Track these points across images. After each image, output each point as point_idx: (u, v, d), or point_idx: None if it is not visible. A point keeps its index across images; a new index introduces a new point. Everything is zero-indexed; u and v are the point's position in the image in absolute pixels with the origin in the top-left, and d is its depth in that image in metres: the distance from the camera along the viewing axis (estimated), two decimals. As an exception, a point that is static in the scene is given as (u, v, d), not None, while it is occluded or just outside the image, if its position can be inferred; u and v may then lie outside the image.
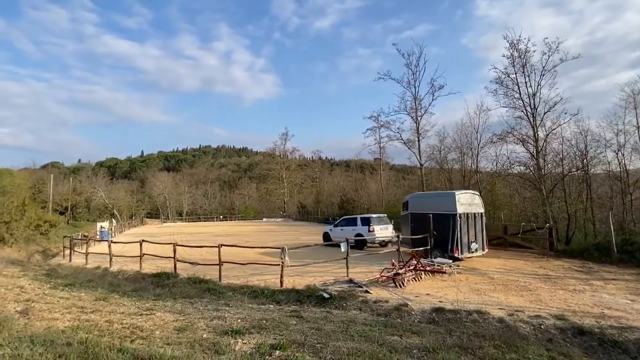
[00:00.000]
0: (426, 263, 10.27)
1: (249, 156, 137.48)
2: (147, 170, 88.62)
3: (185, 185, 65.53)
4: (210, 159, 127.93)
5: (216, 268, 10.00)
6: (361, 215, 17.48)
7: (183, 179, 69.20)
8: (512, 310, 6.80)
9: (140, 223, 50.47)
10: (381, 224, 16.45)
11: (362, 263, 11.61)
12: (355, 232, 16.25)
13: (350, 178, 52.46)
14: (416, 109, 26.99)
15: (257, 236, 25.41)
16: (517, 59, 18.08)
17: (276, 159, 60.38)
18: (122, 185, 61.79)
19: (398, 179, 48.16)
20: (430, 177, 28.91)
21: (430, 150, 27.92)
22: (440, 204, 12.32)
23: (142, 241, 12.58)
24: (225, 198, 70.93)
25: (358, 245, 15.34)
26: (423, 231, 12.26)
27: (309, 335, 4.83)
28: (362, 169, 53.70)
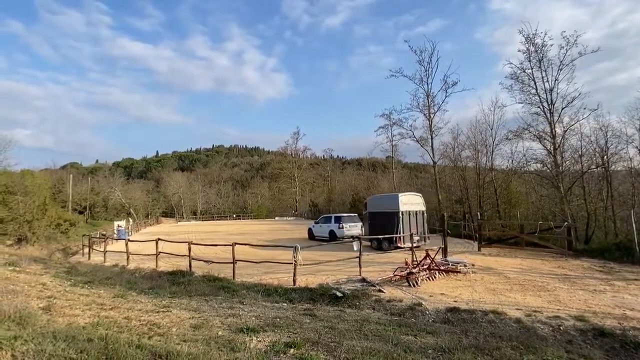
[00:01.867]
0: (440, 262, 10.15)
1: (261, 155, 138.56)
2: (162, 170, 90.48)
3: (199, 184, 66.59)
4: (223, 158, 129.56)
5: (230, 266, 10.12)
6: (335, 214, 20.62)
7: (197, 179, 70.33)
8: (529, 310, 6.65)
9: (156, 222, 51.50)
10: (350, 222, 19.08)
11: (375, 262, 11.55)
12: (329, 228, 19.30)
13: (362, 176, 52.22)
14: (429, 106, 26.68)
15: (270, 235, 25.57)
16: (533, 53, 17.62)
17: (288, 158, 60.66)
18: (138, 185, 63.14)
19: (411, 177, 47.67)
20: (444, 175, 28.59)
21: (444, 148, 27.62)
22: (388, 203, 14.86)
23: (158, 240, 12.83)
24: (238, 197, 71.69)
25: (331, 240, 18.41)
26: (378, 227, 14.74)
27: (322, 333, 4.84)
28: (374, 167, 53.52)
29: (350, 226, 18.79)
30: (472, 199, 24.51)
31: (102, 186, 53.02)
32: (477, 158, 24.19)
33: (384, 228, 14.46)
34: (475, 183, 23.85)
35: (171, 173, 72.99)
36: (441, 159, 27.83)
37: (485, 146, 23.37)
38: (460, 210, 26.10)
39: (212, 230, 33.13)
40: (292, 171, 58.95)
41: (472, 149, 24.70)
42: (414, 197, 15.48)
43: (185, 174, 76.40)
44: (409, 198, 15.05)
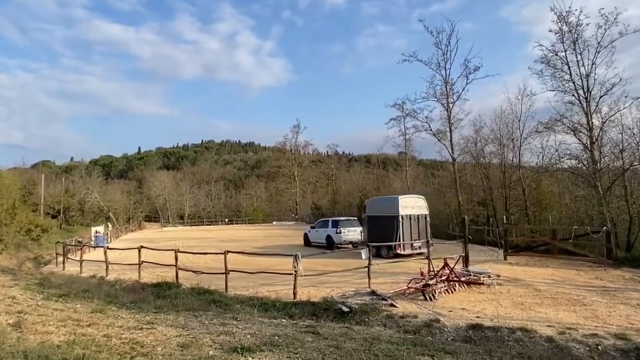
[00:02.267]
0: (461, 273, 10.12)
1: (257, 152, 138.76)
2: (145, 169, 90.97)
3: (186, 185, 66.84)
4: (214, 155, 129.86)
5: (222, 277, 10.15)
6: (332, 218, 21.41)
7: (184, 178, 70.59)
8: (563, 327, 6.61)
9: (138, 227, 51.78)
10: (349, 227, 19.59)
11: (387, 273, 11.55)
12: (326, 233, 19.74)
13: (371, 175, 52.16)
14: (447, 95, 26.60)
15: (267, 241, 25.65)
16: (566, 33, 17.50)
17: (287, 154, 60.73)
18: (118, 186, 63.60)
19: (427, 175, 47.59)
20: (464, 174, 28.52)
21: (464, 143, 27.55)
22: (387, 207, 15.56)
23: (141, 247, 12.90)
24: (230, 199, 71.93)
25: (328, 246, 19.15)
26: (377, 231, 15.45)
27: (327, 354, 4.84)
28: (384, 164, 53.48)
29: (348, 231, 19.36)
30: (497, 201, 24.41)
31: (78, 187, 53.41)
32: (502, 154, 24.08)
33: (383, 233, 15.06)
34: (501, 182, 23.73)
35: (155, 172, 73.42)
36: (461, 154, 27.76)
37: (512, 140, 23.25)
38: (483, 213, 26.01)
39: (202, 236, 33.25)
40: (292, 169, 59.02)
41: (496, 143, 24.60)
42: (415, 199, 16.21)
43: (171, 173, 76.73)
44: (410, 201, 15.82)
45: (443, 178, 34.28)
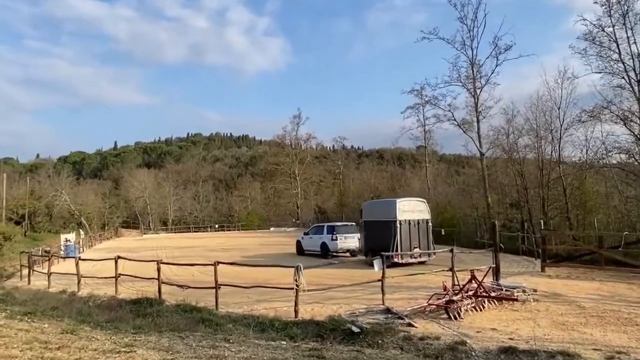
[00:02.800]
0: (491, 287, 10.09)
1: (251, 146, 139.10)
2: (122, 167, 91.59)
3: (170, 185, 67.29)
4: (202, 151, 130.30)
5: (212, 292, 10.19)
6: (328, 224, 22.54)
7: (167, 178, 71.07)
8: (611, 351, 6.57)
9: (115, 234, 52.17)
10: (346, 233, 20.51)
11: (404, 287, 11.52)
12: (321, 240, 20.78)
13: (385, 173, 52.17)
14: (474, 79, 26.58)
15: (263, 250, 25.75)
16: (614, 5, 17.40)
17: (286, 149, 60.88)
18: (92, 187, 64.15)
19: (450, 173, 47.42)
20: (495, 170, 28.41)
21: (494, 134, 27.57)
22: (384, 211, 16.58)
23: (118, 258, 13.00)
24: (221, 201, 72.25)
25: (323, 254, 20.27)
26: (373, 238, 16.63)
27: (334, 381, 4.84)
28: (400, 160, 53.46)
29: (346, 238, 20.37)
30: (533, 202, 24.29)
31: (45, 189, 53.86)
32: (539, 147, 23.98)
33: (380, 240, 16.06)
34: (537, 181, 23.60)
35: (134, 171, 73.96)
36: (491, 148, 27.71)
37: (551, 131, 23.12)
38: (517, 217, 25.89)
39: (188, 245, 33.39)
40: (292, 167, 59.14)
41: (532, 135, 24.50)
42: (416, 203, 17.27)
43: (153, 172, 77.16)
44: (409, 204, 16.81)
45: (469, 176, 34.19)
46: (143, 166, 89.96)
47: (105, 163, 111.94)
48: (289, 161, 59.23)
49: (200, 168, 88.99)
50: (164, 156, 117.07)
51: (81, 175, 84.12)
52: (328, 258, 19.80)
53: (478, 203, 28.82)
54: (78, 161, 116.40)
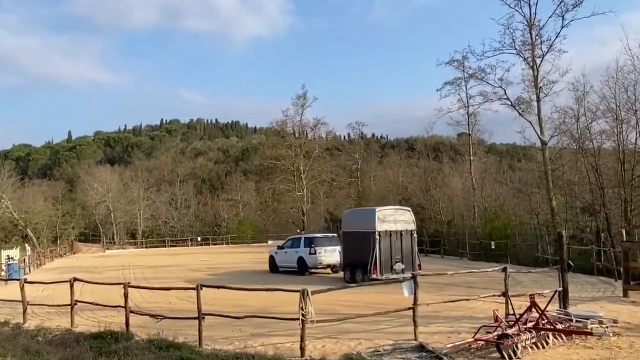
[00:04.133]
0: (556, 317, 9.96)
1: (243, 136, 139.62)
2: (78, 164, 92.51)
3: (139, 187, 67.71)
4: (179, 142, 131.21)
5: (194, 324, 10.20)
6: (305, 235, 24.57)
7: (136, 177, 71.46)
8: None
9: (70, 250, 52.61)
10: (327, 245, 22.20)
11: (441, 317, 11.43)
12: (298, 254, 22.49)
13: (416, 169, 51.94)
14: (533, 45, 26.27)
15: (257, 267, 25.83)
16: None
17: (288, 139, 60.77)
18: (40, 189, 64.85)
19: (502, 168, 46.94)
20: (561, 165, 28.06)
21: (560, 118, 27.28)
22: (363, 221, 18.74)
23: (74, 280, 13.06)
24: (204, 207, 72.58)
25: (299, 271, 22.17)
26: (352, 251, 18.76)
27: None
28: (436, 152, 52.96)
29: (326, 251, 22.07)
30: (612, 206, 23.98)
31: (-19, 192, 54.48)
32: (619, 134, 23.62)
33: (359, 253, 18.07)
34: (618, 178, 23.28)
35: (93, 168, 74.52)
36: (556, 135, 27.39)
37: (635, 113, 22.77)
38: (590, 225, 25.57)
39: (164, 263, 33.55)
40: (296, 162, 59.07)
41: (610, 118, 24.14)
42: (398, 212, 19.39)
43: (117, 170, 77.86)
44: (390, 213, 18.79)
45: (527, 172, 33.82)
46: (105, 162, 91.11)
47: (57, 159, 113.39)
48: (292, 154, 59.12)
49: (177, 164, 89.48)
50: (132, 149, 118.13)
51: (26, 174, 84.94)
52: (305, 275, 21.78)
53: (539, 207, 28.54)
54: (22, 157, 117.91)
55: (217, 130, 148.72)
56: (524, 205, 30.10)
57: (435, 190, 40.05)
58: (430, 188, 41.06)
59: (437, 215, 38.90)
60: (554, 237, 19.27)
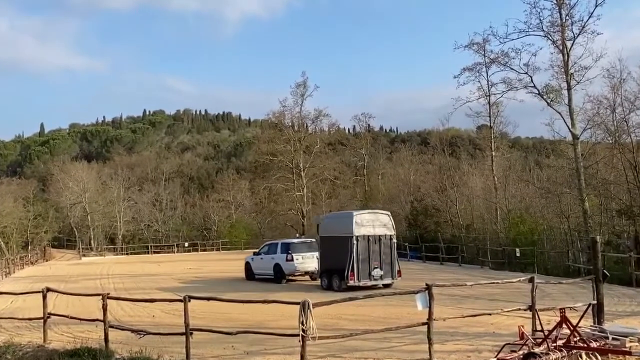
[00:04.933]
0: (590, 334, 9.89)
1: (235, 129, 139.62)
2: (51, 160, 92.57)
3: (119, 186, 67.85)
4: (164, 136, 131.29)
5: (181, 340, 10.18)
6: (282, 241, 26.01)
7: (115, 175, 71.61)
8: None
9: (42, 257, 52.63)
10: (305, 251, 23.37)
11: (460, 333, 11.39)
12: (274, 261, 23.76)
13: (431, 166, 51.81)
14: (562, 26, 26.18)
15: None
16: None
17: (286, 133, 60.74)
18: (9, 188, 64.79)
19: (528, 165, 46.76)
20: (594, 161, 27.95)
21: (593, 108, 27.15)
22: (341, 225, 20.12)
23: (47, 290, 13.06)
24: (192, 208, 72.64)
25: (276, 278, 23.53)
26: (330, 256, 20.19)
27: None
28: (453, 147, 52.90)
29: (303, 257, 23.17)
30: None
31: (-58, 191, 54.67)
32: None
33: (336, 259, 19.46)
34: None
35: (68, 165, 74.56)
36: (589, 128, 27.27)
37: (678, 102, 22.69)
38: (628, 229, 25.49)
39: (147, 272, 33.55)
40: (295, 158, 59.07)
41: (650, 108, 24.05)
42: (377, 216, 20.67)
43: (95, 167, 77.89)
44: (368, 218, 20.07)
45: (556, 170, 33.67)
46: (81, 159, 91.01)
47: (28, 154, 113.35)
48: (290, 150, 59.08)
49: (162, 161, 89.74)
50: (111, 144, 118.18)
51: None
52: (282, 283, 23.13)
53: (570, 210, 28.44)
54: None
55: (207, 123, 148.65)
56: (552, 208, 29.97)
57: (451, 190, 39.88)
58: (446, 188, 40.91)
59: (454, 218, 38.75)
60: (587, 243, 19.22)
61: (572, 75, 26.06)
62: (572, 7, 26.08)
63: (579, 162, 25.95)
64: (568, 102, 26.44)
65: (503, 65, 31.23)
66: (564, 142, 30.17)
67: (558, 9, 26.17)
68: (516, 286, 15.32)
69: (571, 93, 26.30)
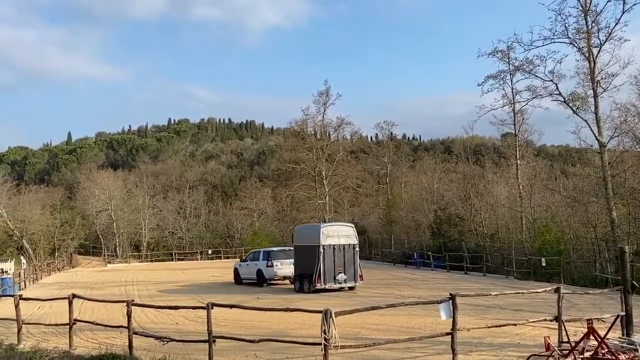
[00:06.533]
0: (618, 346, 9.70)
1: (259, 138, 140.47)
2: (78, 169, 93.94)
3: (144, 193, 68.59)
4: (189, 144, 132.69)
5: (204, 348, 10.22)
6: (264, 249, 29.63)
7: (141, 183, 72.45)
8: None
9: (69, 264, 53.55)
10: (285, 258, 26.58)
11: (484, 344, 11.25)
12: (257, 267, 27.14)
13: (454, 174, 51.44)
14: (588, 33, 25.88)
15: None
16: None
17: (309, 141, 60.89)
18: (37, 196, 65.77)
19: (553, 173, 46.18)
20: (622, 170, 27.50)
21: (621, 116, 26.79)
22: (311, 236, 23.38)
23: (73, 297, 13.21)
24: (216, 216, 73.01)
25: (258, 282, 26.89)
26: (302, 263, 23.34)
27: None
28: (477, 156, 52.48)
29: (282, 264, 26.47)
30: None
31: (-27, 199, 55.64)
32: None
33: (307, 265, 22.74)
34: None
35: (94, 173, 75.53)
36: (617, 136, 26.87)
37: None
38: (658, 239, 25.01)
39: (171, 279, 33.89)
40: (317, 166, 59.13)
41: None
42: (342, 228, 24.53)
43: (121, 175, 78.90)
44: (334, 229, 23.68)
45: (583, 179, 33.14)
46: (107, 167, 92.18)
47: (56, 163, 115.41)
48: (313, 158, 59.17)
49: (186, 169, 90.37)
50: (136, 152, 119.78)
51: (22, 179, 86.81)
52: (264, 286, 26.31)
53: (597, 219, 27.97)
54: (18, 160, 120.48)
55: (230, 131, 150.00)
56: (579, 217, 29.52)
57: (476, 199, 39.50)
58: (470, 196, 40.53)
59: (479, 227, 38.37)
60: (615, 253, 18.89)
61: (599, 82, 25.71)
62: (599, 14, 25.81)
63: (606, 171, 25.57)
64: (594, 109, 26.08)
65: (528, 72, 30.99)
66: (590, 151, 29.73)
67: (584, 15, 25.89)
68: (542, 296, 15.13)
69: (598, 101, 25.94)
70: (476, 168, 47.12)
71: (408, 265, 40.45)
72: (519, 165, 36.37)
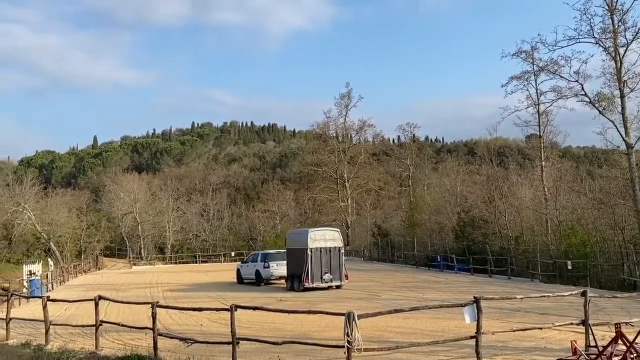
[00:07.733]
0: (648, 349, 9.51)
1: (281, 141, 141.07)
2: (103, 172, 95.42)
3: (169, 196, 69.41)
4: (212, 147, 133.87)
5: (227, 350, 10.28)
6: (262, 252, 32.34)
7: (165, 186, 73.40)
8: None
9: (95, 265, 54.26)
10: (280, 260, 28.26)
11: (509, 347, 11.14)
12: (255, 268, 29.72)
13: (478, 176, 50.92)
14: (615, 32, 25.55)
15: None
16: None
17: (330, 144, 61.11)
18: (64, 199, 66.80)
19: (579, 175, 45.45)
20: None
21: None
22: (300, 240, 25.59)
23: (99, 298, 13.39)
24: (239, 219, 73.44)
25: (257, 282, 29.38)
26: (293, 265, 25.55)
27: None
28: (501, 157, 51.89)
29: (278, 265, 28.37)
30: None
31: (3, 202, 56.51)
32: None
33: (298, 266, 24.84)
34: None
35: (120, 176, 76.66)
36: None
37: None
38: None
39: (194, 280, 34.17)
40: (339, 168, 59.24)
41: None
42: (328, 232, 26.35)
43: (145, 178, 79.70)
44: (321, 234, 25.56)
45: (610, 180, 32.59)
46: (132, 170, 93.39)
47: (82, 166, 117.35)
48: (335, 160, 59.31)
49: (209, 172, 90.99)
50: (161, 156, 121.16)
51: (50, 183, 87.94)
52: (261, 285, 28.60)
53: (624, 221, 27.46)
54: (46, 164, 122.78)
55: (253, 134, 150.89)
56: (606, 219, 28.99)
57: (500, 201, 39.04)
58: (494, 198, 40.07)
59: (503, 229, 37.89)
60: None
61: (626, 82, 25.33)
62: (625, 13, 25.44)
63: (633, 172, 25.18)
64: (621, 110, 25.70)
65: (552, 73, 30.70)
66: (617, 152, 29.25)
67: (610, 15, 25.53)
68: (568, 300, 14.87)
69: (624, 101, 25.57)
70: (500, 170, 46.55)
71: (431, 268, 40.16)
72: (544, 166, 35.92)
